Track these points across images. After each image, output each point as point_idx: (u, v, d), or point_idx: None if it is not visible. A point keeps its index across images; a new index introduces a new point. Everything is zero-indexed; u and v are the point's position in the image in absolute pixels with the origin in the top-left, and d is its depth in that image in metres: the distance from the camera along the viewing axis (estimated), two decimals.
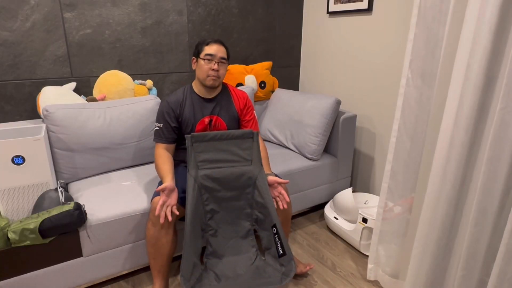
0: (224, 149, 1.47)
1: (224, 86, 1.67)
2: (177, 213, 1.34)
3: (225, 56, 1.54)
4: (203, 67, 1.51)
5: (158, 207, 1.30)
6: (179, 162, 1.65)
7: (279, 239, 1.36)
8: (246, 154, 1.49)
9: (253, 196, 1.48)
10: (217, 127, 1.60)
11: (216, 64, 1.50)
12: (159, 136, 1.55)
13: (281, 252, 1.34)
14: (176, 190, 1.38)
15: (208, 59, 1.50)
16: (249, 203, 1.49)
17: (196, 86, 1.59)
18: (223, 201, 1.48)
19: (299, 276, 1.67)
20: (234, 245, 1.49)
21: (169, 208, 1.32)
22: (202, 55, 1.51)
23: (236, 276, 1.37)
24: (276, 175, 1.49)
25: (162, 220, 1.30)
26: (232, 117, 1.63)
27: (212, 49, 1.50)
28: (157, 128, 1.56)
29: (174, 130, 1.56)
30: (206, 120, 1.57)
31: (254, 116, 1.71)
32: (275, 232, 1.37)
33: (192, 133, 1.44)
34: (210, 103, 1.59)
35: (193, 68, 1.57)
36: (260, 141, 1.62)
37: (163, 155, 1.51)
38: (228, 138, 1.47)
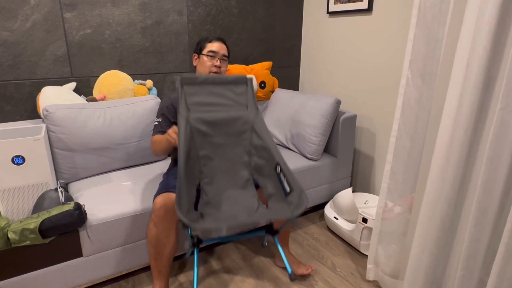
0: (218, 93, 1.38)
1: None
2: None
3: (227, 54, 1.59)
4: (205, 63, 1.55)
5: (173, 134, 1.32)
6: (176, 161, 1.65)
7: (285, 176, 1.23)
8: (240, 99, 1.40)
9: (251, 141, 1.37)
10: None
11: (218, 61, 1.55)
12: (156, 129, 1.56)
13: (288, 190, 1.22)
14: None
15: (211, 56, 1.55)
16: (246, 150, 1.37)
17: None
18: (217, 148, 1.35)
19: (300, 277, 1.67)
20: (232, 195, 1.32)
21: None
22: (205, 52, 1.56)
23: (239, 225, 1.27)
24: None
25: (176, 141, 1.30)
26: None
27: (214, 46, 1.55)
28: (156, 123, 1.58)
29: (172, 124, 1.57)
30: None
31: None
32: (279, 170, 1.26)
33: (182, 75, 1.36)
34: None
35: (194, 64, 1.60)
36: None
37: (157, 136, 1.51)
38: (221, 83, 1.39)
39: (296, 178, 1.22)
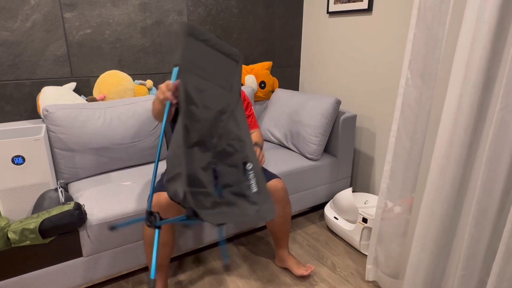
0: (213, 60, 1.28)
1: None
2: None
3: None
4: None
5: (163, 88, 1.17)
6: None
7: (254, 175, 1.19)
8: (228, 78, 1.31)
9: (226, 125, 1.27)
10: None
11: None
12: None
13: (255, 190, 1.18)
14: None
15: None
16: (218, 133, 1.26)
17: None
18: (196, 121, 1.23)
19: (300, 277, 1.67)
20: (194, 174, 1.19)
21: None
22: None
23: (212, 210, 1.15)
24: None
25: (169, 97, 1.16)
26: None
27: None
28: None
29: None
30: None
31: (253, 112, 1.74)
32: (249, 168, 1.21)
33: (190, 24, 1.24)
34: None
35: None
36: (259, 134, 1.63)
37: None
38: (220, 50, 1.29)
39: (265, 183, 1.19)
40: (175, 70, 1.19)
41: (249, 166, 1.22)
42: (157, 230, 1.14)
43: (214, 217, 1.10)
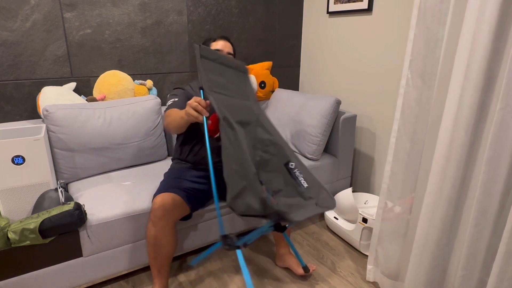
0: (226, 75, 1.32)
1: None
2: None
3: (232, 52, 1.58)
4: None
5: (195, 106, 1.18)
6: (179, 161, 1.65)
7: (301, 172, 1.20)
8: (243, 89, 1.34)
9: (256, 135, 1.29)
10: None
11: None
12: (171, 106, 1.47)
13: (305, 186, 1.19)
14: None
15: None
16: (250, 144, 1.28)
17: None
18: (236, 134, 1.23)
19: (300, 277, 1.67)
20: (252, 185, 1.18)
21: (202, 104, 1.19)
22: None
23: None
24: None
25: (205, 113, 1.18)
26: None
27: (219, 44, 1.55)
28: (170, 102, 1.49)
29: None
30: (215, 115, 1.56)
31: None
32: (292, 167, 1.22)
33: (201, 45, 1.27)
34: None
35: None
36: None
37: (173, 111, 1.42)
38: (228, 65, 1.33)
39: (313, 175, 1.18)
40: (201, 92, 1.22)
41: (292, 165, 1.23)
42: (239, 251, 1.13)
43: (296, 215, 1.09)
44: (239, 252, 1.14)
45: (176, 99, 1.52)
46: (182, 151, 1.63)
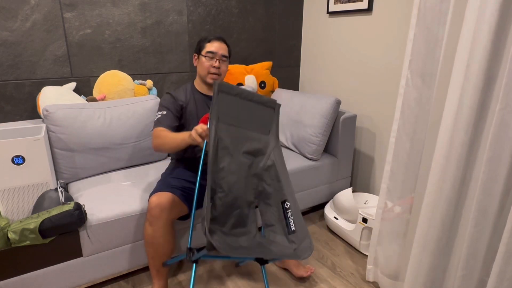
0: (247, 109, 1.38)
1: None
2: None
3: (227, 54, 1.56)
4: (204, 64, 1.53)
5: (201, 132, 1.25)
6: (177, 161, 1.65)
7: (292, 214, 1.26)
8: (265, 123, 1.41)
9: (264, 166, 1.38)
10: None
11: (217, 62, 1.52)
12: (159, 122, 1.48)
13: (292, 229, 1.25)
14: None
15: (210, 57, 1.52)
16: (257, 174, 1.38)
17: (197, 84, 1.61)
18: (235, 164, 1.35)
19: (300, 279, 1.67)
20: (237, 214, 1.34)
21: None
22: (203, 52, 1.53)
23: (240, 248, 1.26)
24: None
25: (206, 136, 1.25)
26: None
27: (213, 46, 1.52)
28: (159, 116, 1.50)
29: (176, 119, 1.52)
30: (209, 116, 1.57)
31: None
32: (287, 207, 1.29)
33: (221, 81, 1.33)
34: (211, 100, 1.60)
35: (195, 64, 1.59)
36: None
37: (165, 131, 1.44)
38: (253, 100, 1.40)
39: (304, 221, 1.26)
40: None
41: (287, 204, 1.30)
42: (194, 264, 1.25)
43: (272, 254, 1.21)
44: (194, 266, 1.25)
45: (164, 112, 1.50)
46: (178, 152, 1.64)
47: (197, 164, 1.60)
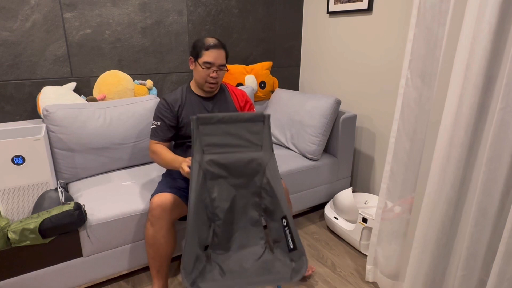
0: (233, 132, 1.38)
1: (223, 85, 1.68)
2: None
3: (224, 62, 1.52)
4: (201, 74, 1.50)
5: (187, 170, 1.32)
6: None
7: (290, 232, 1.27)
8: (256, 139, 1.39)
9: (262, 184, 1.39)
10: None
11: (215, 72, 1.50)
12: (155, 134, 1.55)
13: (291, 247, 1.26)
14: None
15: (207, 67, 1.49)
16: (257, 192, 1.40)
17: (194, 86, 1.60)
18: (229, 189, 1.39)
19: (300, 278, 1.67)
20: (241, 236, 1.39)
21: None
22: (200, 61, 1.49)
23: (242, 270, 1.29)
24: None
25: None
26: None
27: (211, 56, 1.47)
28: (154, 126, 1.55)
29: (170, 129, 1.55)
30: None
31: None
32: (285, 224, 1.29)
33: (197, 115, 1.34)
34: (209, 102, 1.60)
35: (191, 68, 1.57)
36: None
37: (160, 148, 1.51)
38: (237, 121, 1.38)
39: (299, 237, 1.28)
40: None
41: (285, 222, 1.29)
42: None
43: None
44: None
45: (158, 123, 1.54)
46: (177, 153, 1.64)
47: None
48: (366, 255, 1.86)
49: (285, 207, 1.32)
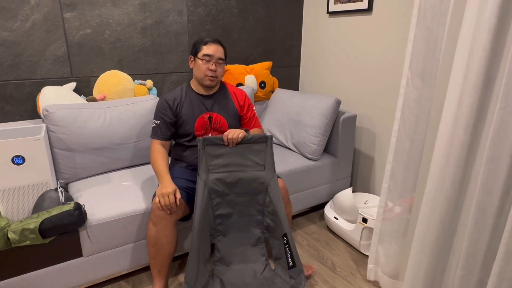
0: (237, 153, 1.44)
1: (222, 84, 1.69)
2: (179, 196, 1.36)
3: (223, 56, 1.56)
4: (201, 67, 1.53)
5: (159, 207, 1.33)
6: (176, 161, 1.66)
7: (290, 249, 1.33)
8: (259, 159, 1.46)
9: (264, 203, 1.46)
10: (218, 124, 1.60)
11: (214, 65, 1.52)
12: (155, 133, 1.56)
13: (291, 264, 1.32)
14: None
15: (206, 60, 1.52)
16: (260, 210, 1.47)
17: (194, 84, 1.61)
18: (233, 206, 1.46)
19: None
20: (243, 252, 1.46)
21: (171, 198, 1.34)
22: (200, 55, 1.53)
23: (243, 285, 1.34)
24: None
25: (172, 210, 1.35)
26: (232, 113, 1.64)
27: (210, 49, 1.52)
28: (154, 124, 1.57)
29: (170, 127, 1.57)
30: (206, 116, 1.58)
31: (255, 113, 1.74)
32: (285, 242, 1.34)
33: (204, 136, 1.41)
34: (208, 100, 1.60)
35: (191, 66, 1.59)
36: (261, 132, 1.67)
37: (160, 150, 1.53)
38: (241, 142, 1.45)
39: (298, 255, 1.33)
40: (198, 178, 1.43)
41: (285, 240, 1.35)
42: None
43: None
44: None
45: (158, 122, 1.56)
46: (177, 152, 1.65)
47: (196, 162, 1.60)
48: (366, 255, 1.86)
49: (285, 225, 1.36)
